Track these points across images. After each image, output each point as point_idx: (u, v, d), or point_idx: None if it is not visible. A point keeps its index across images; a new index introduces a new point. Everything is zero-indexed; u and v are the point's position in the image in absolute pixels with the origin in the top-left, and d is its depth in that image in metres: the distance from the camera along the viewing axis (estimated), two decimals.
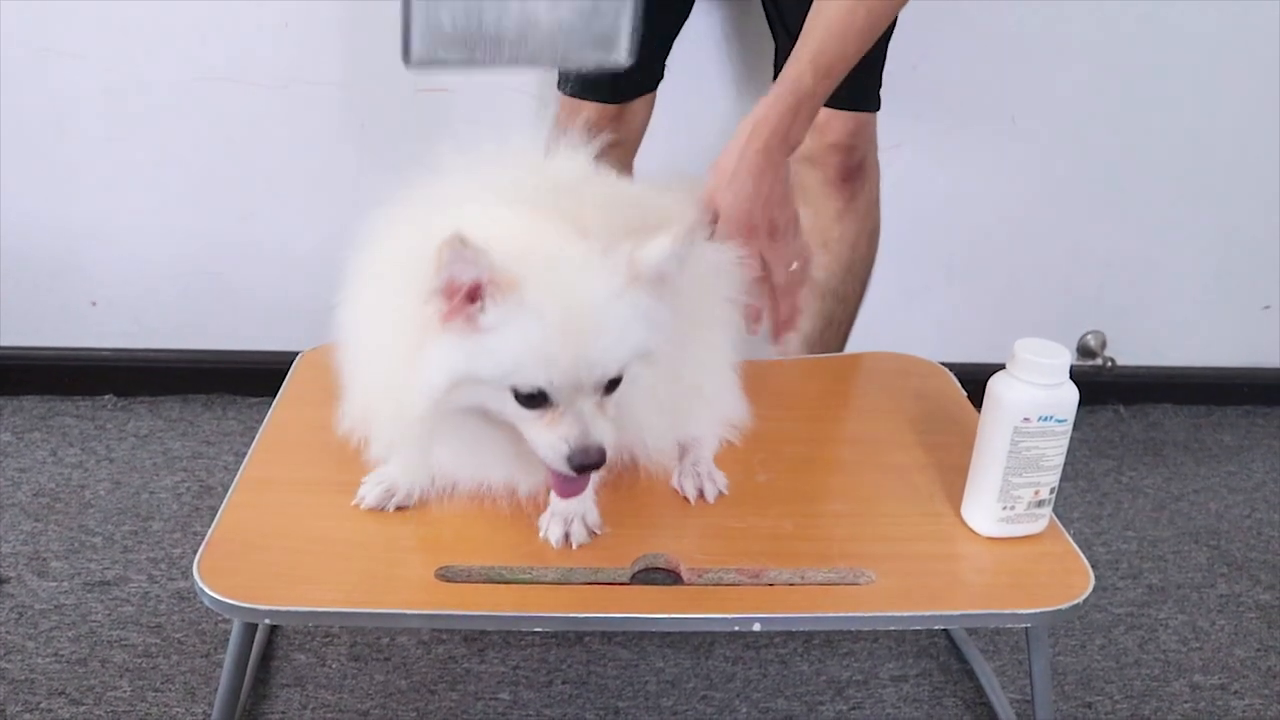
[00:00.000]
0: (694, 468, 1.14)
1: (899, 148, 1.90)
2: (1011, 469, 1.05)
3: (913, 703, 1.36)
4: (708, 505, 1.11)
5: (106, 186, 1.86)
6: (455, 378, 0.89)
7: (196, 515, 1.63)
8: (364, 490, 1.09)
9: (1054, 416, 1.03)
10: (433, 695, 1.33)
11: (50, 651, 1.37)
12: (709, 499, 1.12)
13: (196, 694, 1.31)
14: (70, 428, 1.87)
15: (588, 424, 0.89)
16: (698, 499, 1.12)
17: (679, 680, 1.38)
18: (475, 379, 0.89)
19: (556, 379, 0.88)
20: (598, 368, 0.89)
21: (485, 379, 0.89)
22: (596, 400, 0.91)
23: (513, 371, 0.88)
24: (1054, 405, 1.03)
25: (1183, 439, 2.06)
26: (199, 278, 1.94)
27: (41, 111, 1.79)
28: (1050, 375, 1.03)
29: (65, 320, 1.95)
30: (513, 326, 0.87)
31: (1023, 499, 1.06)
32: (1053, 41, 1.87)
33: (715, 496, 1.12)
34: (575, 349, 0.87)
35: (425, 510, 1.07)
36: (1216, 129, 1.95)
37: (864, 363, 1.44)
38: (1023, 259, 2.04)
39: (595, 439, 0.90)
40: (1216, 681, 1.43)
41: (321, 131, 1.83)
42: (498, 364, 0.88)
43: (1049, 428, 1.04)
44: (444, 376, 0.89)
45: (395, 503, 1.08)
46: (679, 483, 1.14)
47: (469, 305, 0.87)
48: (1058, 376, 1.03)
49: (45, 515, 1.62)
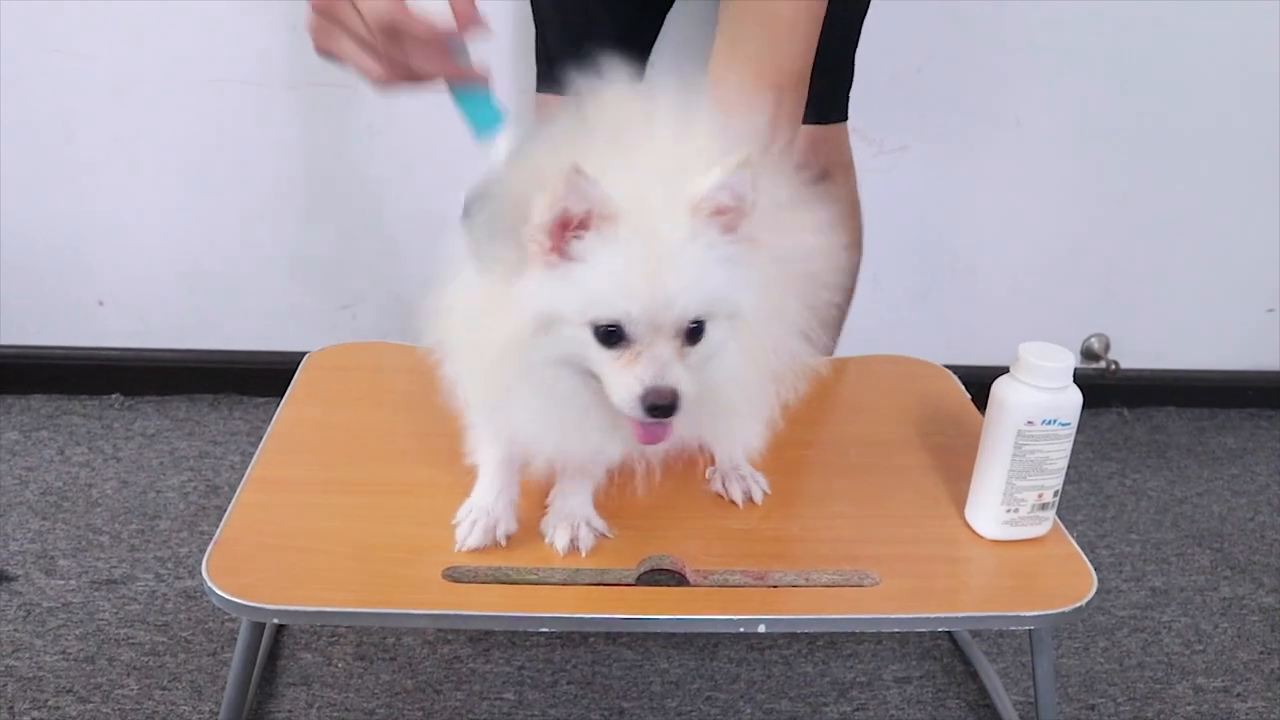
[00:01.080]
0: (736, 470, 1.15)
1: (904, 150, 1.91)
2: (1015, 472, 1.05)
3: (916, 704, 1.37)
4: (713, 508, 1.12)
5: (114, 187, 1.86)
6: (541, 313, 0.88)
7: (203, 514, 1.64)
8: (461, 532, 1.06)
9: (1058, 420, 1.04)
10: (438, 695, 1.34)
11: (58, 649, 1.37)
12: (756, 501, 1.14)
13: (203, 692, 1.32)
14: (77, 427, 1.88)
15: (663, 365, 0.88)
16: (746, 501, 1.14)
17: (683, 681, 1.38)
18: (559, 315, 0.88)
19: (635, 311, 0.86)
20: (675, 306, 0.87)
21: (568, 314, 0.88)
22: (676, 346, 0.89)
23: (594, 303, 0.87)
24: (1058, 409, 1.03)
25: (1186, 442, 2.06)
26: (206, 278, 1.94)
27: (50, 112, 1.80)
28: (1054, 379, 1.03)
29: (72, 319, 1.96)
30: (600, 256, 0.86)
31: (1026, 502, 1.07)
32: (1057, 44, 1.87)
33: (762, 498, 1.14)
34: (654, 283, 0.86)
35: (433, 510, 1.08)
36: (1221, 132, 1.95)
37: (868, 365, 1.45)
38: (1027, 262, 2.04)
39: (669, 380, 0.88)
40: (1219, 684, 1.44)
41: (329, 133, 1.83)
42: (582, 294, 0.87)
43: (1053, 431, 1.04)
44: (529, 314, 0.88)
45: (503, 533, 1.06)
46: (722, 487, 1.15)
47: (568, 236, 0.86)
48: (1061, 380, 1.04)
49: (52, 514, 1.63)
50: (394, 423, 1.22)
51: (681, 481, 1.14)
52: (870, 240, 1.74)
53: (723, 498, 1.15)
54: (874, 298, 2.01)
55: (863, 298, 1.95)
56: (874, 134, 1.85)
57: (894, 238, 1.95)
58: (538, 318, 0.88)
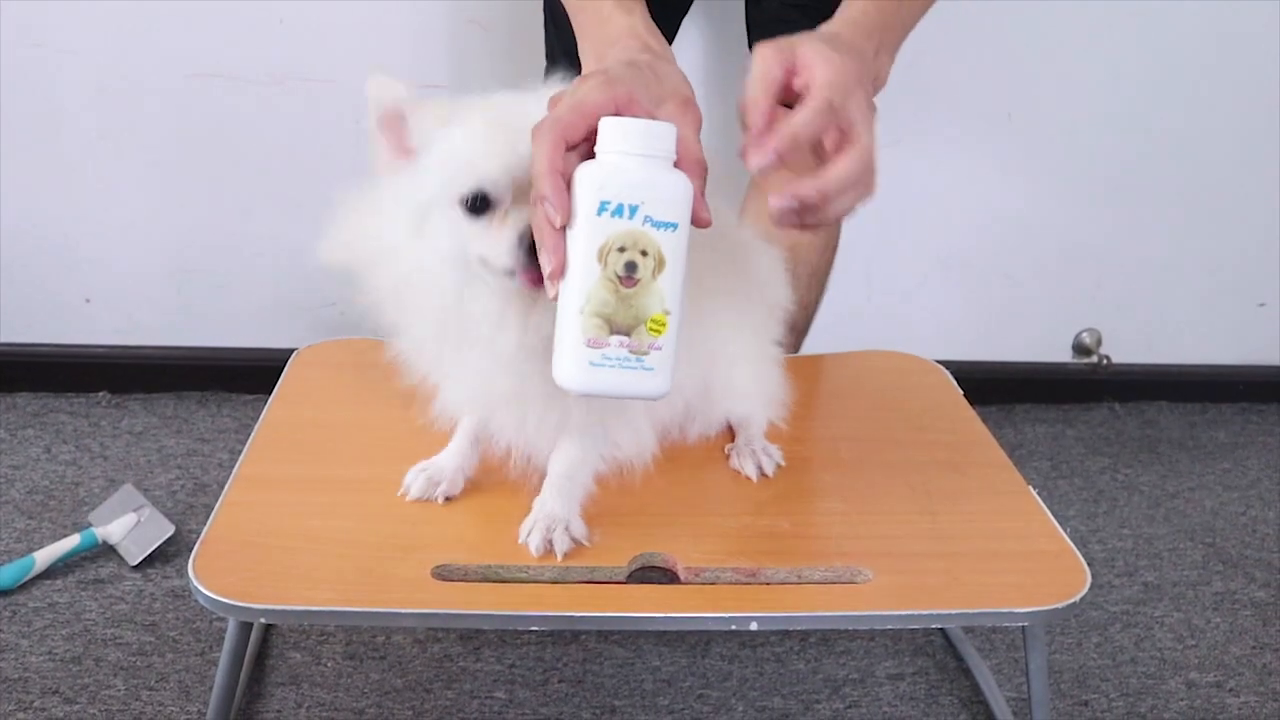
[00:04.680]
0: (748, 446, 1.17)
1: (896, 145, 1.90)
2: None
3: (909, 701, 1.36)
4: (704, 504, 1.11)
5: (100, 183, 1.85)
6: (411, 210, 0.91)
7: (191, 513, 1.63)
8: (409, 480, 1.09)
9: (650, 214, 0.78)
10: (428, 694, 1.33)
11: (44, 650, 1.36)
12: (769, 473, 1.15)
13: (191, 692, 1.31)
14: (64, 425, 1.87)
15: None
16: (760, 476, 1.15)
17: (675, 679, 1.37)
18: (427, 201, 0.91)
19: (494, 170, 0.88)
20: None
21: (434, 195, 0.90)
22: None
23: (453, 176, 0.89)
24: (646, 190, 0.78)
25: (1178, 436, 2.06)
26: (193, 274, 1.93)
27: (35, 108, 1.79)
28: (643, 143, 0.79)
29: (59, 317, 1.94)
30: (441, 136, 0.90)
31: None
32: (1049, 38, 1.87)
33: (774, 470, 1.16)
34: (505, 142, 0.88)
35: (422, 508, 1.07)
36: (1213, 126, 1.95)
37: (859, 361, 1.44)
38: (1018, 256, 2.04)
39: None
40: (1212, 679, 1.43)
41: (316, 128, 1.82)
42: (435, 174, 0.90)
43: (646, 232, 0.78)
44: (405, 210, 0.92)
45: (442, 492, 1.08)
46: (738, 463, 1.16)
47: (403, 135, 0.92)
48: (654, 148, 0.79)
49: (39, 513, 1.62)
50: (381, 419, 1.21)
51: (672, 478, 1.14)
52: (861, 236, 1.74)
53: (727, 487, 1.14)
54: (865, 293, 2.01)
55: (854, 293, 1.96)
56: None
57: (886, 232, 1.95)
58: (410, 212, 0.91)
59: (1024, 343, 2.10)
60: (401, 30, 1.79)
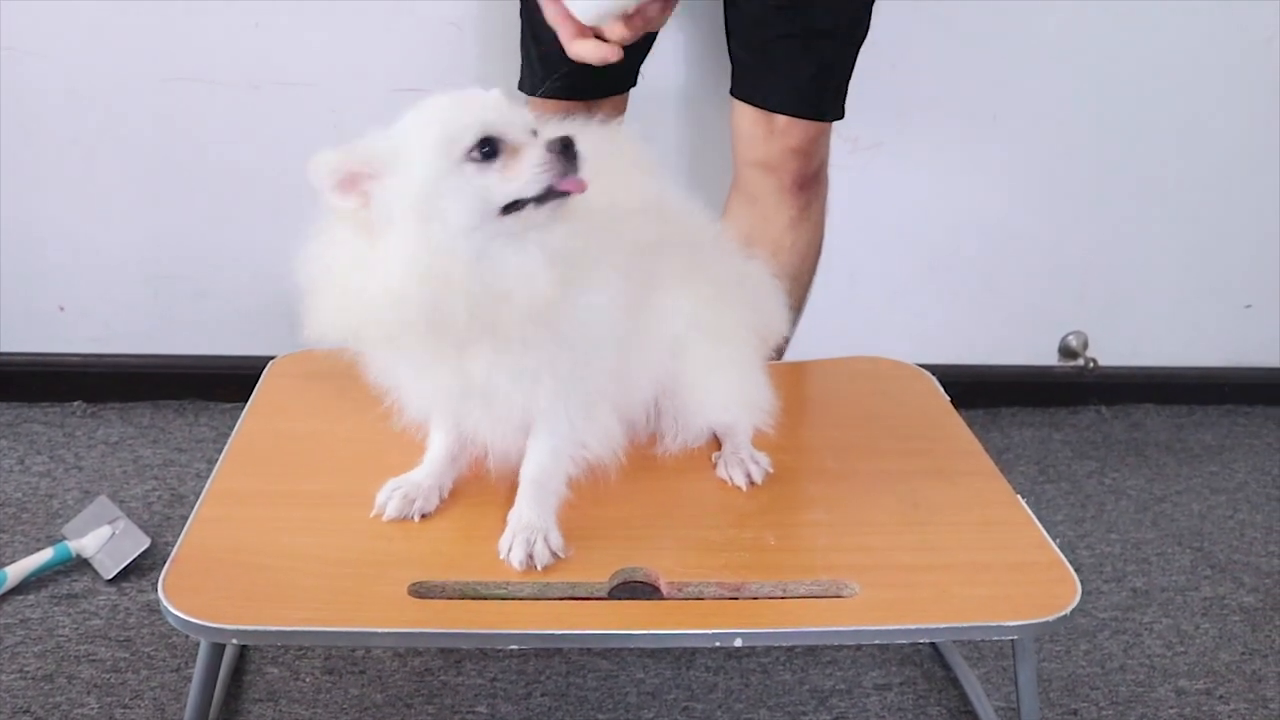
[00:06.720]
0: (736, 454, 1.16)
1: (879, 147, 1.89)
2: None
3: (897, 712, 1.34)
4: (687, 517, 1.10)
5: (73, 189, 1.82)
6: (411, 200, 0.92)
7: (168, 525, 1.60)
8: (382, 498, 1.07)
9: None
10: (409, 709, 1.31)
11: (15, 668, 1.33)
12: (757, 481, 1.14)
13: (166, 710, 1.28)
14: (38, 435, 1.84)
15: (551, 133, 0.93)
16: (749, 484, 1.14)
17: (659, 692, 1.36)
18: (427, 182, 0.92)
19: (488, 115, 0.92)
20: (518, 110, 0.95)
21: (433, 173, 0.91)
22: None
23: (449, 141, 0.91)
24: None
25: (1165, 439, 2.05)
26: (169, 281, 1.90)
27: (5, 112, 1.76)
28: None
29: (33, 325, 1.91)
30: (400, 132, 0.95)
31: None
32: (1033, 40, 1.86)
33: (763, 477, 1.15)
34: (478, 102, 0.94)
35: (398, 524, 1.05)
36: (1198, 128, 1.95)
37: (845, 367, 1.43)
38: (1004, 259, 2.03)
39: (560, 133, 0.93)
40: (1201, 686, 1.42)
41: (293, 132, 1.79)
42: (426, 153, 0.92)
43: None
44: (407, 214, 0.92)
45: (418, 509, 1.06)
46: (726, 472, 1.16)
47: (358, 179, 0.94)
48: None
49: (11, 526, 1.59)
50: (357, 432, 1.19)
51: (653, 490, 1.12)
52: (846, 239, 1.73)
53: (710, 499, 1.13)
54: (850, 296, 1.99)
55: (839, 296, 1.94)
56: (849, 131, 1.82)
57: (870, 236, 1.93)
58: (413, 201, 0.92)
59: (1010, 346, 2.09)
60: (378, 33, 1.77)
